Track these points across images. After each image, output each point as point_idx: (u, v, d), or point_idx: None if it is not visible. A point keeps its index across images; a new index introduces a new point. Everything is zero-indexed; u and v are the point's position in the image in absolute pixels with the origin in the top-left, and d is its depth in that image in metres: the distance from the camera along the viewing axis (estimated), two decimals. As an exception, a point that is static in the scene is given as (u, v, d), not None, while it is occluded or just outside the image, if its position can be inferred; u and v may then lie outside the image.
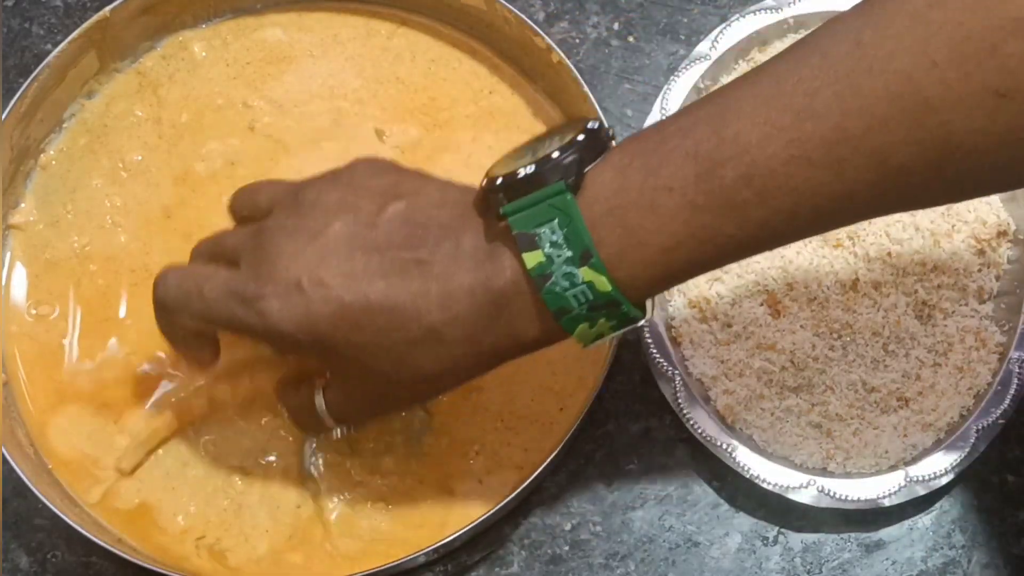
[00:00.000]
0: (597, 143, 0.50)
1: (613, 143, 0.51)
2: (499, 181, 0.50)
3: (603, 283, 0.48)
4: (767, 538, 0.65)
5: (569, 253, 0.48)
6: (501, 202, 0.50)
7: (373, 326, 0.51)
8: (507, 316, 0.50)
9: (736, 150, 0.46)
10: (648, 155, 0.48)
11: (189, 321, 0.57)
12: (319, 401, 0.58)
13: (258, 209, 0.57)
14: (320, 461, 0.63)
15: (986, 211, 0.66)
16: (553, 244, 0.48)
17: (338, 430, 0.62)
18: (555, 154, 0.49)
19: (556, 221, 0.48)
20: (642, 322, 0.51)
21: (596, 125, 0.51)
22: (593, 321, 0.50)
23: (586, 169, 0.49)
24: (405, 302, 0.51)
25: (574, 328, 0.50)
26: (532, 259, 0.49)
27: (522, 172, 0.50)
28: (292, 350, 0.55)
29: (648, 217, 0.48)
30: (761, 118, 0.46)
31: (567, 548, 0.65)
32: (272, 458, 0.64)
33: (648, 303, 0.52)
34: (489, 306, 0.50)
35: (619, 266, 0.48)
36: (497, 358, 0.53)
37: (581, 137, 0.50)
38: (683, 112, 0.50)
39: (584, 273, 0.48)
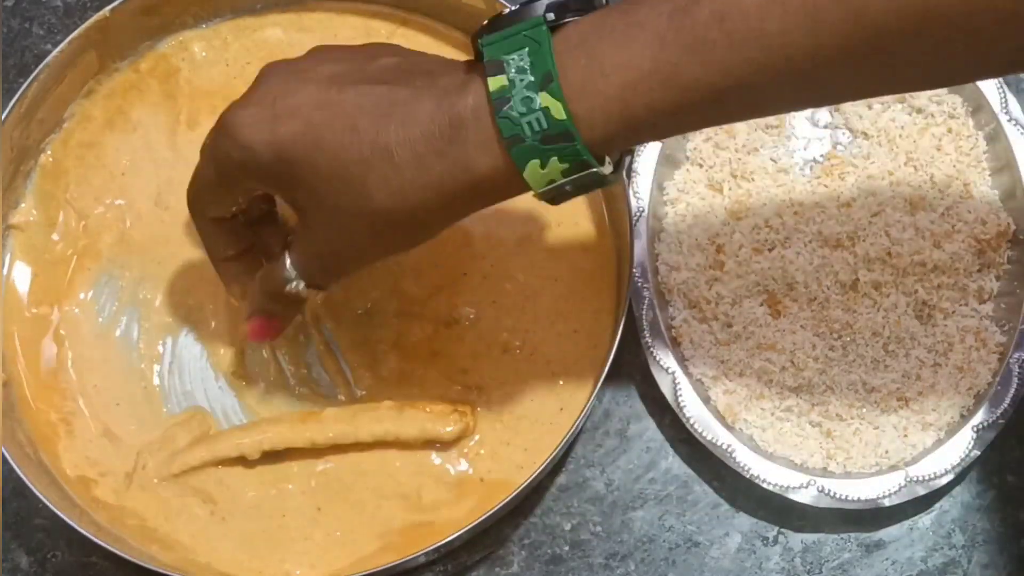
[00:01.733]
0: (587, 2, 0.50)
1: None
2: (486, 21, 0.51)
3: (559, 110, 0.48)
4: (767, 538, 0.65)
5: (531, 78, 0.48)
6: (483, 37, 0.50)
7: (333, 144, 0.51)
8: (461, 142, 0.50)
9: None
10: (630, 2, 0.49)
11: (205, 192, 0.57)
12: (287, 263, 0.57)
13: None
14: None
15: (986, 211, 0.66)
16: (519, 70, 0.48)
17: (304, 293, 0.57)
18: None
19: (527, 49, 0.49)
20: (606, 175, 0.50)
21: None
22: (545, 158, 0.49)
23: (568, 16, 0.49)
24: (366, 123, 0.51)
25: (525, 163, 0.49)
26: (496, 83, 0.49)
27: (508, 9, 0.51)
28: (261, 177, 0.54)
29: (615, 50, 0.48)
30: None
31: (567, 548, 0.65)
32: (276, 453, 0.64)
33: (608, 162, 0.51)
34: (446, 129, 0.50)
35: (579, 96, 0.48)
36: (446, 197, 0.51)
37: None
38: None
39: (542, 98, 0.48)
